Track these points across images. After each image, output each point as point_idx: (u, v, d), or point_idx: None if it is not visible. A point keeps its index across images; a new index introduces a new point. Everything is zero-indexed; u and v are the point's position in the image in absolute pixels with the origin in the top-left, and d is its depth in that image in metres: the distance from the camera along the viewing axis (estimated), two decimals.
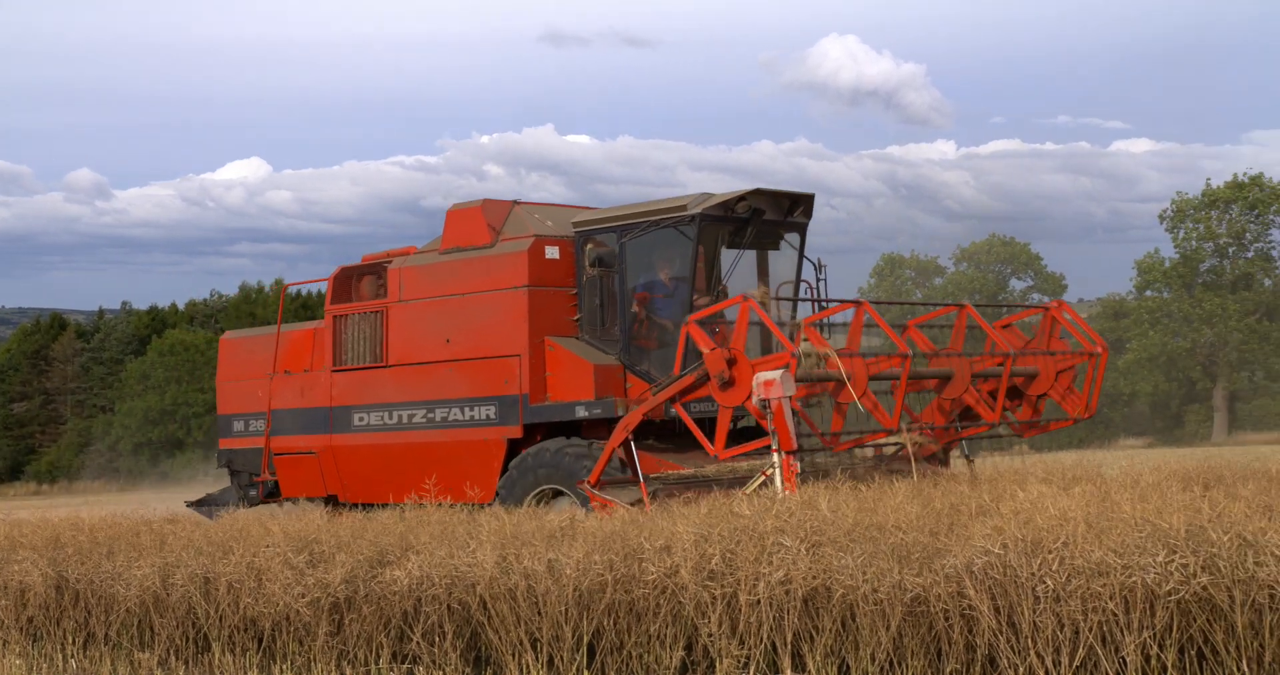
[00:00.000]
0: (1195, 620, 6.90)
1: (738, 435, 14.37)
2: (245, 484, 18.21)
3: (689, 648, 8.36)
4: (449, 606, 9.11)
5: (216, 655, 9.98)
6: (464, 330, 15.37)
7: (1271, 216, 61.22)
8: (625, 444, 12.76)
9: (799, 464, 11.42)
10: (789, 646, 7.91)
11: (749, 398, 11.65)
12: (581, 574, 8.49)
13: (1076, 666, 7.08)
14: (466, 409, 15.26)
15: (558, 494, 14.02)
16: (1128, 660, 6.95)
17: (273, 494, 17.63)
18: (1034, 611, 7.13)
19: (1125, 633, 6.94)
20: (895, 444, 13.48)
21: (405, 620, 9.31)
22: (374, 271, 16.80)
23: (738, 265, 15.01)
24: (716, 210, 14.23)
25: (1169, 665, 6.92)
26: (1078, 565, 7.08)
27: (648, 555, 8.38)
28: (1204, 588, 6.79)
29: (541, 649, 8.73)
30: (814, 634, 7.87)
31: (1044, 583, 7.10)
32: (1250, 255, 61.78)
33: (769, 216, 14.81)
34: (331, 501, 16.60)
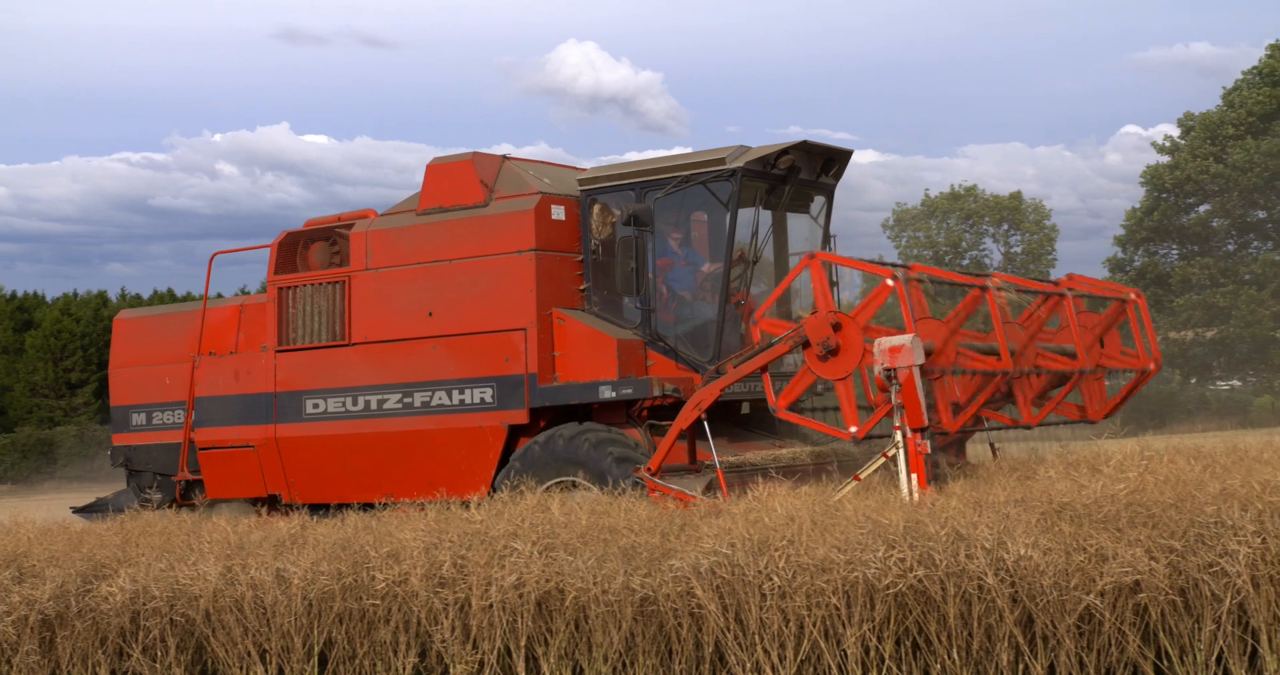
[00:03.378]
0: (911, 612, 7.19)
1: (742, 422, 13.40)
2: (147, 485, 15.96)
3: (423, 654, 8.29)
4: (171, 620, 8.78)
5: None
6: (452, 302, 13.29)
7: (985, 226, 64.59)
8: (696, 426, 11.18)
9: (929, 444, 9.93)
10: (523, 650, 7.92)
11: (854, 369, 10.28)
12: (309, 583, 8.30)
13: (801, 660, 7.30)
14: (456, 392, 13.22)
15: (566, 487, 12.19)
16: (849, 652, 7.19)
17: (189, 495, 15.46)
18: (761, 608, 7.32)
19: (847, 626, 7.19)
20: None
21: (124, 636, 8.93)
22: (326, 237, 14.59)
23: (752, 229, 13.13)
24: (756, 165, 12.58)
25: (886, 656, 7.20)
26: (803, 562, 7.29)
27: (375, 563, 8.25)
28: (920, 581, 7.09)
29: (270, 660, 8.51)
30: (548, 637, 7.89)
31: (770, 580, 7.30)
32: (966, 263, 65.03)
33: (803, 176, 13.19)
34: (272, 502, 14.56)
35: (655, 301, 12.81)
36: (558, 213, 13.09)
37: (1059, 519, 7.43)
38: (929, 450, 9.83)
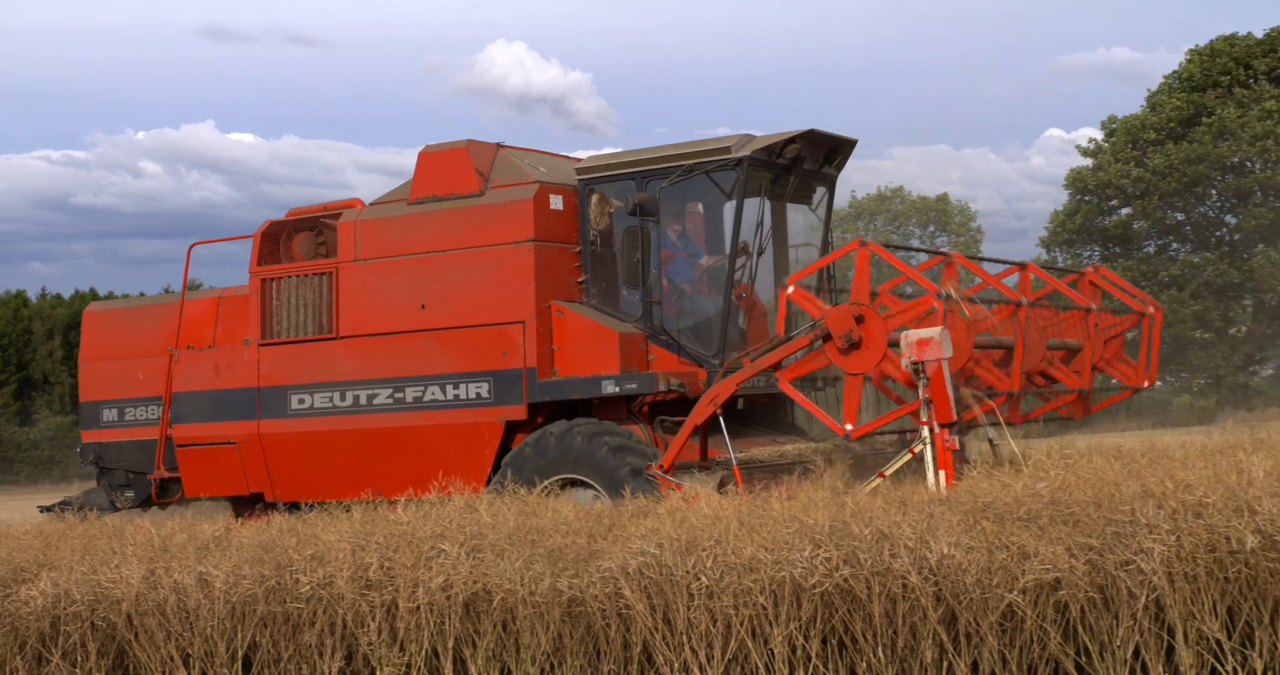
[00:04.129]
0: (837, 611, 7.24)
1: (739, 419, 12.95)
2: (119, 483, 15.57)
3: (349, 657, 8.23)
4: (93, 624, 8.66)
5: None
6: (446, 294, 12.92)
7: (912, 228, 65.20)
8: (712, 421, 10.76)
9: (957, 440, 9.58)
10: (451, 652, 7.89)
11: (880, 362, 9.97)
12: (231, 587, 8.22)
13: (729, 660, 7.34)
14: (450, 387, 12.82)
15: (565, 486, 11.89)
16: (776, 652, 7.24)
17: (164, 493, 15.18)
18: (689, 608, 7.34)
19: (774, 625, 7.24)
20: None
21: (43, 640, 8.80)
22: (312, 227, 14.13)
23: (750, 220, 12.74)
24: (762, 154, 12.29)
25: (812, 655, 7.25)
26: (730, 562, 7.33)
27: (299, 566, 8.19)
28: (845, 580, 7.15)
29: (194, 664, 8.42)
30: (476, 638, 7.88)
31: (698, 580, 7.33)
32: None
33: (807, 165, 12.93)
34: (255, 500, 14.16)
35: (659, 294, 12.55)
36: (556, 202, 12.82)
37: (982, 518, 7.52)
38: (957, 446, 9.58)
